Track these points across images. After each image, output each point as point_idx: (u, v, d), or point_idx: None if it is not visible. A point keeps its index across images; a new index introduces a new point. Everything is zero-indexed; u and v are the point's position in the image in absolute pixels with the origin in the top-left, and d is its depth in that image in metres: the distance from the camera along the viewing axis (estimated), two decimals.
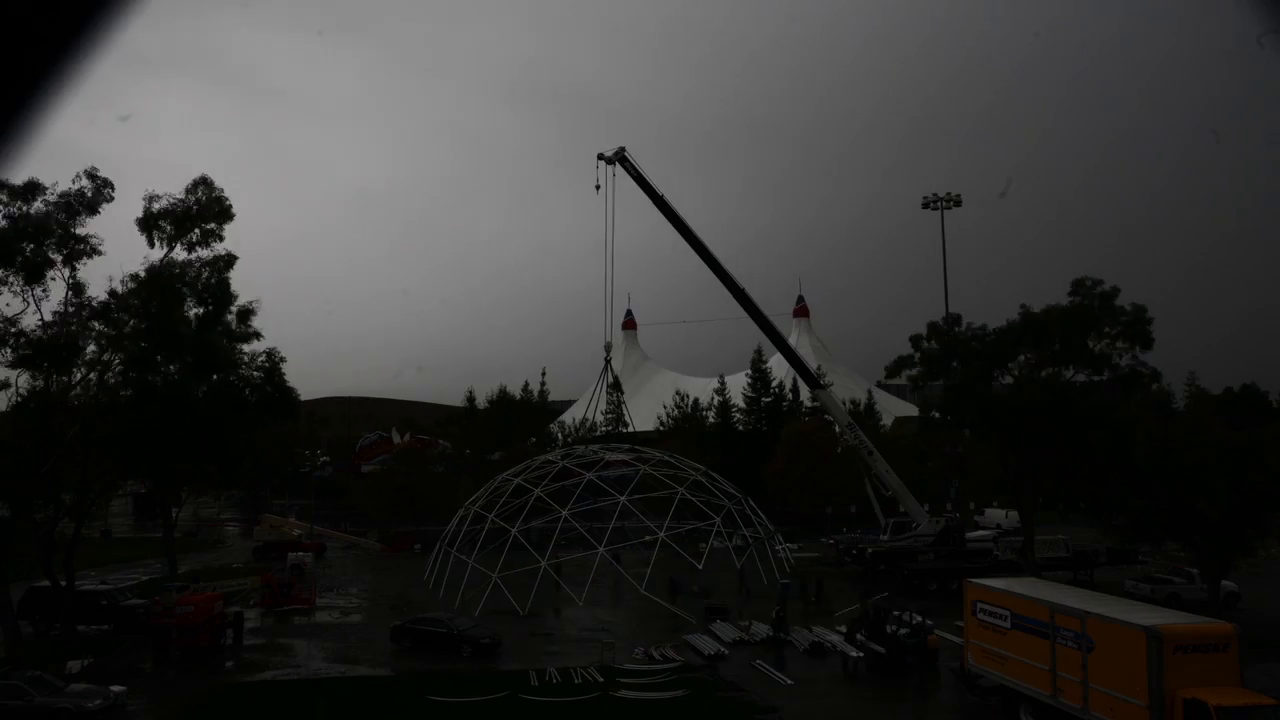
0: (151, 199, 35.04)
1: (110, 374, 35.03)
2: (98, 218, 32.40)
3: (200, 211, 35.66)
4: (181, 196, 35.50)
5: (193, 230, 35.69)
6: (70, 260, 32.05)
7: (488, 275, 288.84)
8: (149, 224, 34.98)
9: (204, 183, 36.00)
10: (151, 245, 35.35)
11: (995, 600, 26.66)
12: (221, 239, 36.69)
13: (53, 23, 1.85)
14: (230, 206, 36.38)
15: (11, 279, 30.98)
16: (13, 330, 31.14)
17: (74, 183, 31.70)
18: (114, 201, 32.80)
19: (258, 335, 39.59)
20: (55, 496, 34.56)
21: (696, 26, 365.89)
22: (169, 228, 35.19)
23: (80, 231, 31.98)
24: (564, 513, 42.67)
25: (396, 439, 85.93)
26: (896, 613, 31.96)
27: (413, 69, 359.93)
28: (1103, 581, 42.46)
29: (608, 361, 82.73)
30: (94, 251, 32.24)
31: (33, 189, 30.80)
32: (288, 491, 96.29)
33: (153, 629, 33.89)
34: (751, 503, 47.10)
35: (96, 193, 32.08)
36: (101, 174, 32.33)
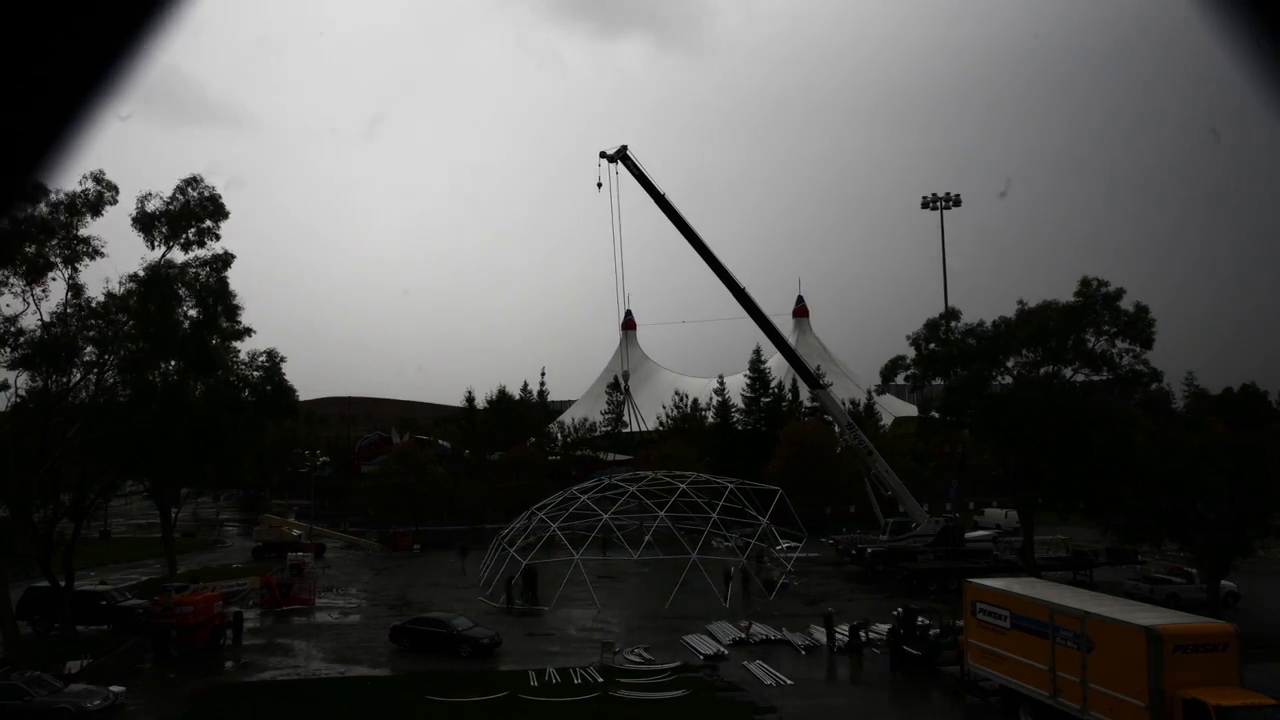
0: (145, 198, 34.82)
1: (109, 374, 34.98)
2: (97, 218, 32.39)
3: (196, 209, 35.46)
4: (172, 197, 35.18)
5: (188, 230, 35.47)
6: (71, 261, 32.03)
7: (487, 274, 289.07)
8: (145, 223, 34.86)
9: (194, 181, 35.56)
10: (150, 246, 35.28)
11: (995, 600, 26.63)
12: (218, 237, 36.37)
13: (103, 23, 1.79)
14: (224, 204, 36.07)
15: (13, 280, 30.95)
16: (12, 330, 31.14)
17: (80, 183, 31.67)
18: (117, 205, 32.88)
19: (249, 331, 39.64)
20: (55, 496, 34.50)
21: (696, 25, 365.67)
22: (164, 228, 35.00)
23: (83, 233, 32.00)
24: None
25: (396, 439, 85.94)
26: (923, 618, 31.81)
27: (414, 71, 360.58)
28: (1103, 581, 42.44)
29: (627, 391, 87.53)
30: (96, 253, 32.22)
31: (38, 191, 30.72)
32: (287, 491, 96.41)
33: (153, 629, 33.87)
34: (761, 518, 47.20)
35: (100, 196, 32.04)
36: (107, 177, 32.31)
